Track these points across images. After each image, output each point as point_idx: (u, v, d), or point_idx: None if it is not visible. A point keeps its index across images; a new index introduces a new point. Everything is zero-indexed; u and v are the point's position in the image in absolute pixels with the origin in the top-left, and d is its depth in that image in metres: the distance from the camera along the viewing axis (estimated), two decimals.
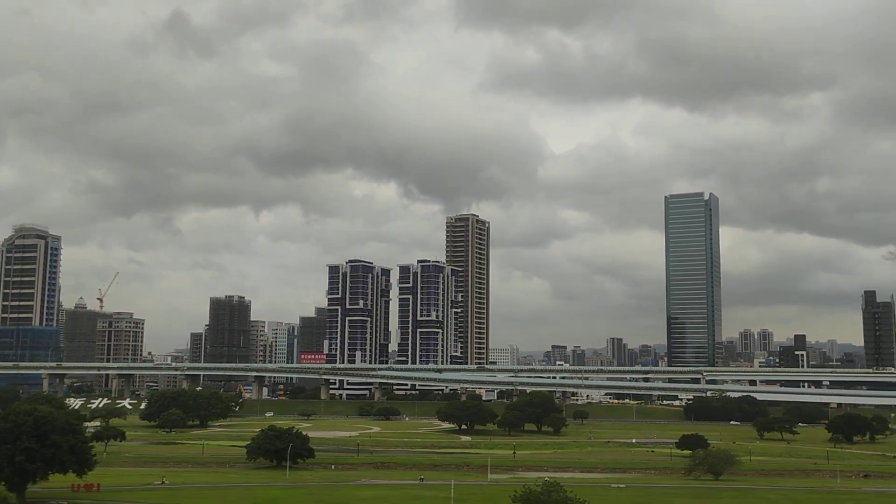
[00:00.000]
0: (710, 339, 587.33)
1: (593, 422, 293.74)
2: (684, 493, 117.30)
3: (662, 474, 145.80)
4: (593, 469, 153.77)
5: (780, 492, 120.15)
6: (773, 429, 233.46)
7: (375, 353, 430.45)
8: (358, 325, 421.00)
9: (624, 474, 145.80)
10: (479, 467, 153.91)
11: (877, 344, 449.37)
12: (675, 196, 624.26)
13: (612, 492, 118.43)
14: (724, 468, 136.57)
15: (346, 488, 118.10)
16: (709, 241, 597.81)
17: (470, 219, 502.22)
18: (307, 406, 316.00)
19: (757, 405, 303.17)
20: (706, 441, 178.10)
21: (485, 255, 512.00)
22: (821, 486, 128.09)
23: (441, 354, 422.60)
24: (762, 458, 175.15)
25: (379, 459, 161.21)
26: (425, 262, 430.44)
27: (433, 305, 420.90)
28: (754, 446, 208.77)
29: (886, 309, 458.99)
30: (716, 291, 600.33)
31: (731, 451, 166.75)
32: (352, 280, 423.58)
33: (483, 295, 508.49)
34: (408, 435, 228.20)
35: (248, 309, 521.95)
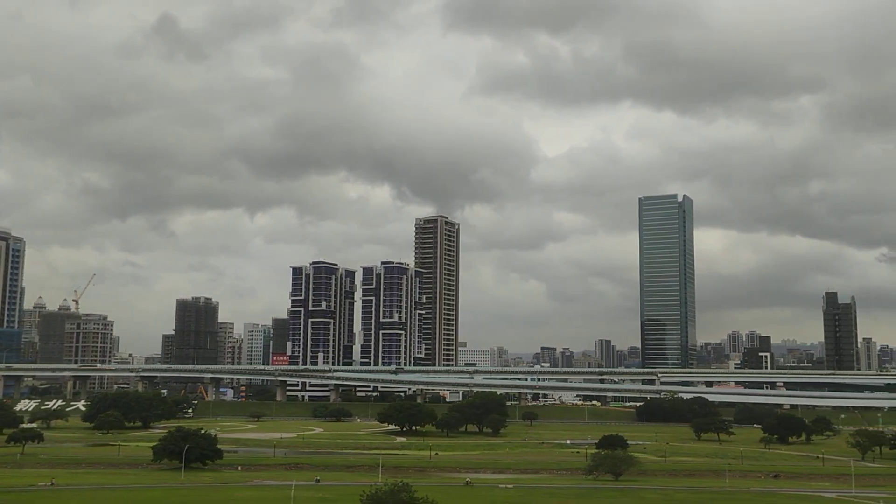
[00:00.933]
0: (683, 341, 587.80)
1: (544, 423, 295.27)
2: (567, 494, 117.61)
3: (571, 475, 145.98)
4: (505, 470, 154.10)
5: (664, 491, 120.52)
6: (710, 429, 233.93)
7: (339, 355, 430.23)
8: (321, 327, 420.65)
9: (533, 475, 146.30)
10: (392, 468, 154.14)
11: (837, 345, 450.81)
12: (648, 198, 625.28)
13: (496, 492, 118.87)
14: (623, 468, 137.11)
15: (230, 489, 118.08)
16: (682, 242, 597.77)
17: (439, 220, 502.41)
18: (259, 408, 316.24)
19: (708, 406, 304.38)
20: (626, 441, 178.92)
21: (454, 257, 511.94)
22: (711, 486, 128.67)
23: (404, 356, 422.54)
24: (683, 459, 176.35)
25: (293, 461, 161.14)
26: (389, 263, 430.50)
27: (396, 307, 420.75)
28: (686, 447, 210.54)
29: (846, 310, 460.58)
30: (689, 293, 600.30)
31: (662, 450, 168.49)
32: (315, 282, 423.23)
33: (452, 296, 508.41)
34: (346, 437, 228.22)
35: (214, 311, 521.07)
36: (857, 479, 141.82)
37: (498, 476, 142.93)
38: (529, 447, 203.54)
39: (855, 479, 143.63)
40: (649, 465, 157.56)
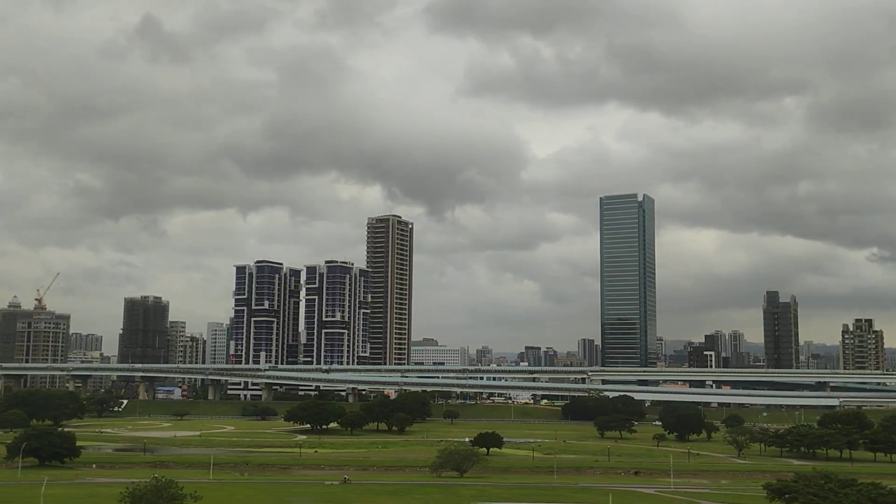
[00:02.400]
0: (642, 341, 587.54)
1: (467, 421, 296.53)
2: (389, 490, 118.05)
3: (420, 472, 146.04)
4: (369, 467, 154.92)
5: (483, 488, 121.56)
6: (612, 427, 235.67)
7: (283, 354, 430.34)
8: (263, 326, 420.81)
9: (396, 472, 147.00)
10: (257, 466, 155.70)
11: (776, 344, 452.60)
12: (608, 197, 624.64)
13: (316, 488, 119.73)
14: (467, 466, 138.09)
15: (57, 487, 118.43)
16: (642, 243, 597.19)
17: (391, 220, 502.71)
18: (187, 406, 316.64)
19: (632, 404, 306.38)
20: (501, 439, 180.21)
21: (407, 256, 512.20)
22: (539, 483, 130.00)
23: (348, 355, 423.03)
24: (567, 456, 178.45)
25: (161, 459, 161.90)
26: (332, 262, 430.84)
27: (338, 306, 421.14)
28: (580, 444, 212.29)
29: (786, 309, 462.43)
30: (650, 294, 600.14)
31: (553, 448, 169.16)
32: (258, 281, 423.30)
33: (405, 295, 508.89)
34: (251, 435, 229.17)
35: (164, 310, 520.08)
36: (703, 475, 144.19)
37: (357, 473, 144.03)
38: (422, 445, 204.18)
39: (700, 474, 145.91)
40: (521, 463, 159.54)
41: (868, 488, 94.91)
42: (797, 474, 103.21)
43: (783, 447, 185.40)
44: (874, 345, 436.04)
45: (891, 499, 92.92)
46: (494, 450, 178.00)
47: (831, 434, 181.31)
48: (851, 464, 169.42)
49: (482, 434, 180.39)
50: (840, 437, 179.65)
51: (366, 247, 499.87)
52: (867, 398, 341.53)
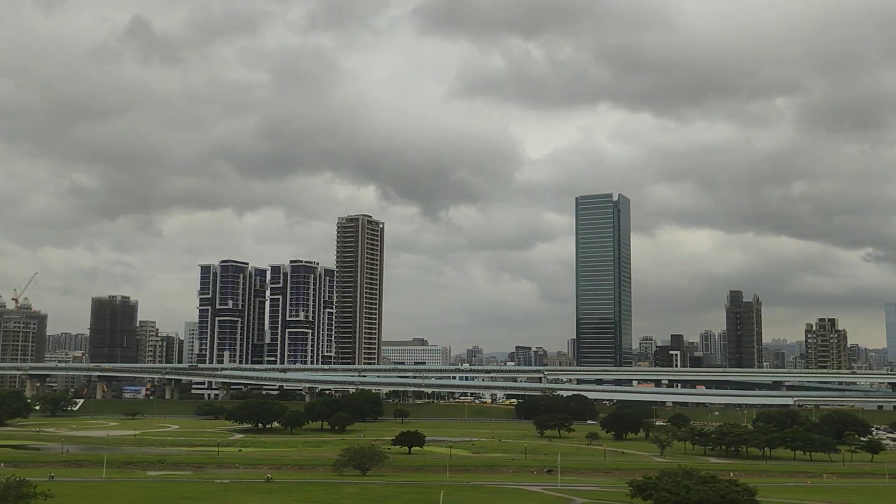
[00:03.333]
0: (617, 341, 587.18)
1: (419, 420, 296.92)
2: (268, 489, 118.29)
3: (327, 471, 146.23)
4: (283, 466, 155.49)
5: (369, 486, 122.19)
6: (551, 426, 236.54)
7: (248, 353, 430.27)
8: (227, 326, 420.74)
9: (308, 471, 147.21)
10: (172, 464, 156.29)
11: (738, 343, 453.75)
12: (583, 197, 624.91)
13: (201, 486, 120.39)
14: (370, 464, 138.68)
15: None
16: (616, 243, 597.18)
17: (360, 219, 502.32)
18: (142, 406, 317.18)
19: (585, 403, 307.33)
20: (423, 438, 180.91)
21: (377, 256, 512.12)
22: (433, 480, 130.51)
23: (312, 354, 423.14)
24: (493, 455, 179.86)
25: (73, 458, 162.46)
26: (297, 262, 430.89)
27: (302, 306, 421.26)
28: (512, 443, 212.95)
29: (748, 308, 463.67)
30: (625, 293, 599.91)
31: (485, 447, 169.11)
32: (222, 280, 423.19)
33: (375, 295, 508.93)
34: (189, 434, 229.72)
35: (133, 309, 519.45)
36: (613, 473, 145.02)
37: (243, 471, 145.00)
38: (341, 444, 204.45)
39: (612, 472, 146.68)
40: (436, 462, 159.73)
41: (723, 485, 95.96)
42: (661, 471, 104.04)
43: (706, 446, 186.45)
44: (836, 343, 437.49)
45: (741, 496, 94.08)
46: (416, 448, 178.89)
47: (751, 433, 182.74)
48: (766, 462, 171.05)
49: (403, 433, 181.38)
50: (760, 436, 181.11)
51: (335, 246, 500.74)
52: (822, 397, 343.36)
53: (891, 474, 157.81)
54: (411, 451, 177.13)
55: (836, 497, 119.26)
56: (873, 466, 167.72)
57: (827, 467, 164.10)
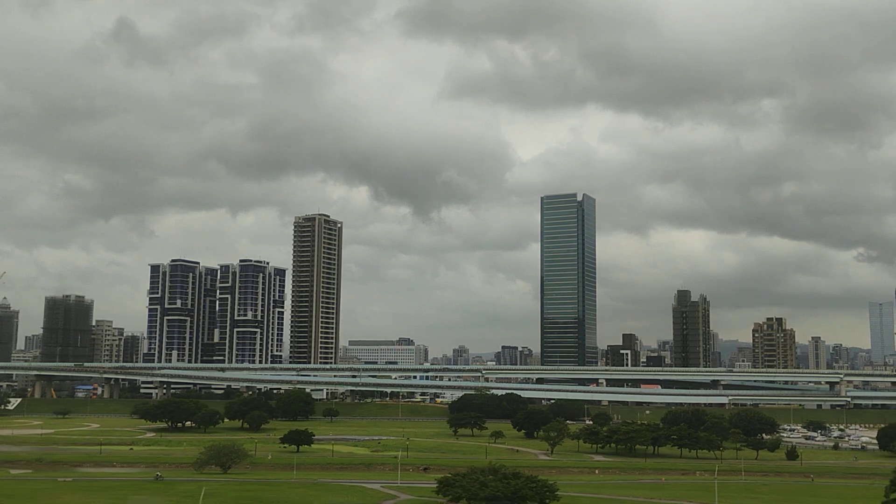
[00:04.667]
0: (580, 340, 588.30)
1: (349, 419, 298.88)
2: (102, 487, 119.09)
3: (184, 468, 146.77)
4: (160, 464, 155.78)
5: (221, 484, 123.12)
6: (464, 424, 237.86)
7: (198, 353, 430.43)
8: (176, 325, 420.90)
9: (185, 469, 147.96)
10: (48, 463, 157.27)
11: (684, 343, 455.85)
12: (548, 197, 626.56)
13: (42, 483, 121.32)
14: (230, 462, 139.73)
15: None
16: (581, 242, 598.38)
17: (317, 219, 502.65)
18: (76, 405, 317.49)
19: (517, 403, 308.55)
20: (311, 436, 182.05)
21: (334, 256, 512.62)
22: (284, 478, 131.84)
23: (261, 353, 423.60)
24: (386, 453, 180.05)
25: None
26: (246, 261, 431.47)
27: (251, 305, 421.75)
28: (418, 442, 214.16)
29: (694, 308, 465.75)
30: (588, 293, 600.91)
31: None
32: (171, 280, 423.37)
33: (332, 295, 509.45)
34: (102, 433, 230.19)
35: (88, 309, 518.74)
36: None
37: (118, 470, 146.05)
38: (261, 442, 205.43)
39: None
40: (310, 459, 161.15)
41: (521, 482, 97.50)
42: (471, 468, 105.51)
43: (597, 444, 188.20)
44: (783, 342, 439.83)
45: (534, 492, 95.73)
46: (304, 447, 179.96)
47: (637, 431, 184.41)
48: (646, 459, 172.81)
49: (291, 431, 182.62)
50: (647, 434, 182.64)
51: (292, 246, 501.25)
52: (757, 396, 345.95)
53: (764, 471, 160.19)
54: (300, 449, 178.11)
55: (672, 493, 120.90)
56: (755, 464, 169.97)
57: (706, 465, 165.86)
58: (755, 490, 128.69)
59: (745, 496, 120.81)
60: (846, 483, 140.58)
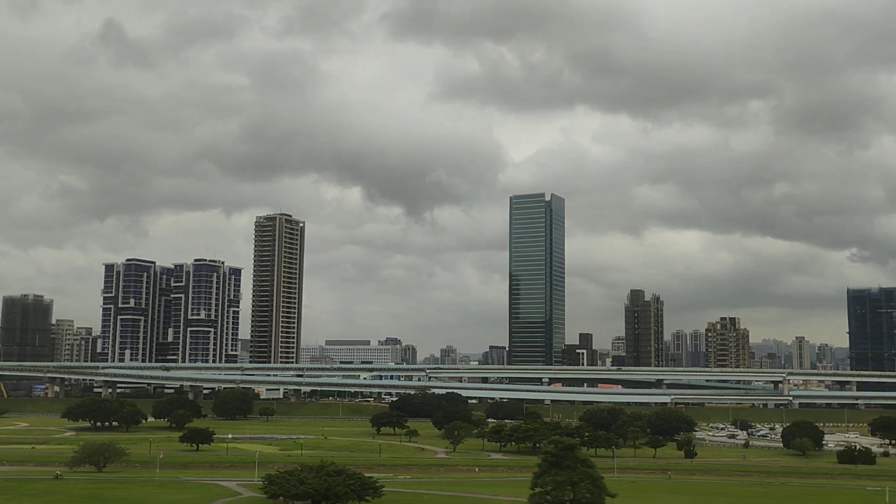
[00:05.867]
0: (547, 340, 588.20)
1: (287, 419, 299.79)
2: None
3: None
4: (50, 463, 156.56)
5: (85, 482, 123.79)
6: (386, 423, 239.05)
7: (152, 352, 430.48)
8: (129, 324, 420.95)
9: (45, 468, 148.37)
10: None
11: (636, 342, 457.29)
12: (517, 197, 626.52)
13: None
14: (105, 460, 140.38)
15: None
16: (549, 242, 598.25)
17: (278, 219, 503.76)
18: (15, 405, 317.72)
19: (457, 402, 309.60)
20: (211, 435, 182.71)
21: (296, 256, 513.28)
22: (145, 477, 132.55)
23: (215, 353, 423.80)
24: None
25: None
26: (200, 261, 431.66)
27: (204, 304, 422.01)
28: (335, 441, 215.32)
29: (645, 308, 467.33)
30: (556, 293, 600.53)
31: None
32: (125, 279, 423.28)
33: (293, 295, 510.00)
34: (22, 433, 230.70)
35: (47, 308, 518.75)
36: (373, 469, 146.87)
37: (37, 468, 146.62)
38: (167, 441, 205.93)
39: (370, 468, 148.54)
40: (200, 458, 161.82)
41: (340, 479, 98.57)
42: (302, 466, 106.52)
43: (499, 441, 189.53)
44: (735, 341, 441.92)
45: (351, 489, 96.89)
46: (205, 446, 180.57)
47: (535, 429, 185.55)
48: (537, 457, 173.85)
49: (191, 430, 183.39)
50: (545, 432, 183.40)
51: (253, 246, 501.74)
52: (699, 395, 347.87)
53: (650, 469, 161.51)
54: (199, 447, 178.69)
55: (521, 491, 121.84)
56: (647, 462, 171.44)
57: (600, 462, 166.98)
58: (611, 487, 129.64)
59: None
60: (706, 480, 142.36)
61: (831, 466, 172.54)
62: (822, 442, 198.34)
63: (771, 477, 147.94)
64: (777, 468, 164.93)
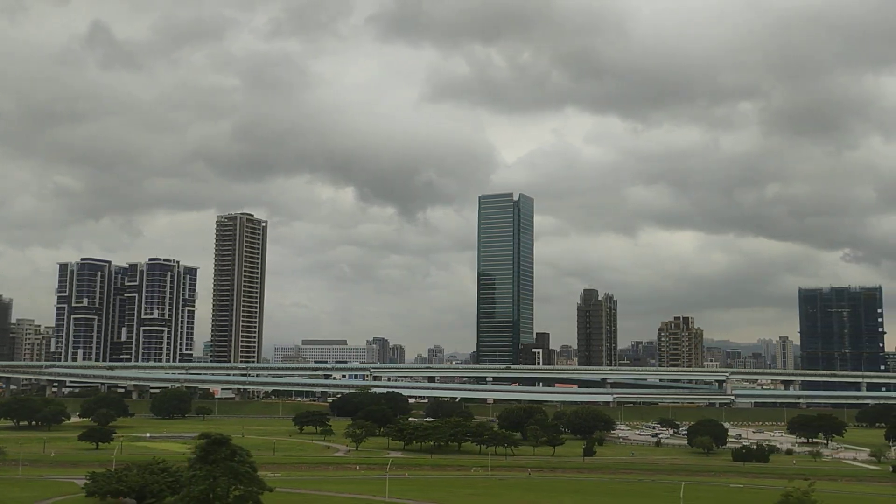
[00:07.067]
0: (514, 340, 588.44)
1: (225, 418, 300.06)
2: None
3: None
4: None
5: None
6: (309, 422, 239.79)
7: (106, 352, 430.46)
8: (83, 324, 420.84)
9: None
10: None
11: (588, 342, 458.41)
12: (485, 196, 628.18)
13: None
14: None
15: None
16: (517, 242, 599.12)
17: (239, 218, 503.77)
18: None
19: (397, 401, 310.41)
20: (110, 434, 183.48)
21: (258, 255, 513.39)
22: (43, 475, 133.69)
23: (168, 352, 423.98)
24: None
25: None
26: (155, 260, 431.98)
27: (157, 304, 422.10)
28: (252, 440, 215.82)
29: (597, 307, 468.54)
30: (524, 293, 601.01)
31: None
32: (78, 278, 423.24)
33: (254, 294, 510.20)
34: None
35: (6, 308, 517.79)
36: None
37: None
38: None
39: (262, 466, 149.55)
40: (89, 457, 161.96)
41: (160, 476, 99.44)
42: (136, 464, 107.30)
43: (402, 440, 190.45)
44: (688, 341, 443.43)
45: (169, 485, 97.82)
46: (105, 445, 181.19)
47: (435, 427, 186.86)
48: (431, 455, 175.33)
49: (90, 429, 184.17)
50: (446, 430, 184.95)
51: (214, 245, 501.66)
52: (640, 394, 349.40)
53: (539, 467, 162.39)
54: (99, 446, 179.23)
55: (372, 488, 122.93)
56: (540, 460, 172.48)
57: (495, 461, 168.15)
58: (474, 485, 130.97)
59: (444, 490, 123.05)
60: (576, 477, 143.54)
61: (722, 464, 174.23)
62: (725, 439, 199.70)
63: (647, 474, 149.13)
64: (666, 465, 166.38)
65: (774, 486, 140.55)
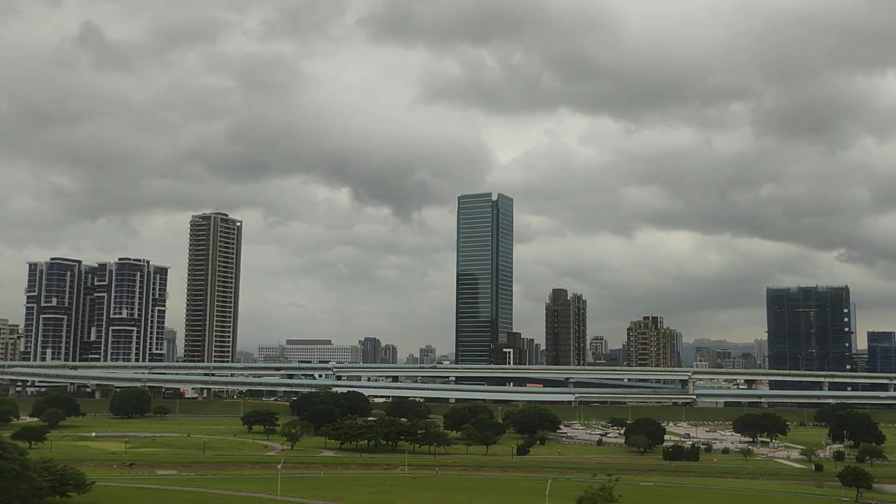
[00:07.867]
0: (493, 340, 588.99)
1: (186, 417, 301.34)
2: None
3: None
4: None
5: None
6: (257, 422, 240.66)
7: (76, 351, 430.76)
8: (52, 323, 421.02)
9: None
10: None
11: (556, 341, 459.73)
12: (464, 197, 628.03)
13: None
14: None
15: None
16: (495, 242, 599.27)
17: (213, 218, 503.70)
18: None
19: (358, 401, 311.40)
20: (44, 433, 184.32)
21: (232, 255, 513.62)
22: None
23: (138, 352, 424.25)
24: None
25: None
26: (125, 260, 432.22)
27: (126, 303, 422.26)
28: (196, 439, 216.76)
29: (565, 307, 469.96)
30: (503, 293, 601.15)
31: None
32: (48, 278, 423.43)
33: (229, 294, 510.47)
34: None
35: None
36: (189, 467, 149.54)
37: None
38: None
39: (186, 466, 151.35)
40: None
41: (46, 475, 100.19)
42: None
43: (338, 439, 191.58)
44: (656, 341, 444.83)
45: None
46: (38, 444, 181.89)
47: (370, 427, 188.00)
48: (361, 454, 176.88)
49: (24, 428, 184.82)
50: (379, 430, 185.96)
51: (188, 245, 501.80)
52: (602, 394, 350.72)
53: (463, 465, 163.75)
54: (32, 445, 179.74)
55: (277, 487, 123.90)
56: (469, 459, 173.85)
57: (425, 460, 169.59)
58: (383, 483, 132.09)
59: (348, 489, 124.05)
60: (491, 476, 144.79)
61: (651, 462, 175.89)
62: (662, 438, 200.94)
63: (566, 472, 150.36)
64: (592, 464, 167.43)
65: (683, 485, 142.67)
